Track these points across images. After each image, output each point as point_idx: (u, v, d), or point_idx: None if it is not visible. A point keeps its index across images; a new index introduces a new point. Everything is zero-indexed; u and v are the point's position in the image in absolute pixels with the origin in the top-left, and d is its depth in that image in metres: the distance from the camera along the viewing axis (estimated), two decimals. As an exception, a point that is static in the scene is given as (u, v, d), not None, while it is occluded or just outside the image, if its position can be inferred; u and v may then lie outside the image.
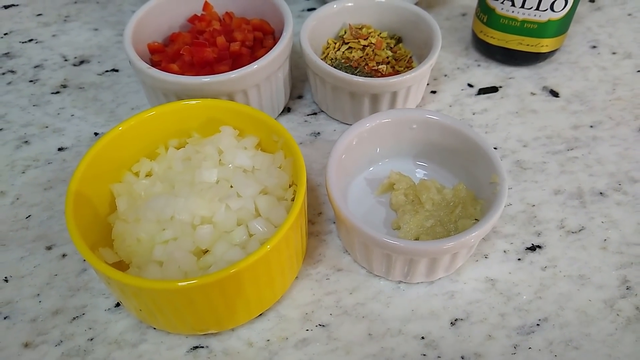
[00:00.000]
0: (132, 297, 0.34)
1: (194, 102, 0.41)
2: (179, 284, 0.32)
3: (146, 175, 0.42)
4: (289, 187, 0.40)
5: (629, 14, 0.64)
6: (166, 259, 0.35)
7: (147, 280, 0.32)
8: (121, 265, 0.38)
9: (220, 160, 0.41)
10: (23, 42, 0.62)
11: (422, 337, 0.38)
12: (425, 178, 0.45)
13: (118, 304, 0.40)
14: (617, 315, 0.39)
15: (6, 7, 0.67)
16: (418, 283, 0.41)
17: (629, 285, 0.41)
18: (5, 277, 0.42)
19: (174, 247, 0.36)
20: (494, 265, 0.42)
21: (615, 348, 0.38)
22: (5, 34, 0.63)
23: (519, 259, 0.42)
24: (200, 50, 0.47)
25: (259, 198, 0.38)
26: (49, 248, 0.44)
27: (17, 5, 0.67)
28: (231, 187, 0.39)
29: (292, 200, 0.39)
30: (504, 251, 0.43)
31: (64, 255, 0.43)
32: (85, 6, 0.66)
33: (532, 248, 0.43)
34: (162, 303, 0.33)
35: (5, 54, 0.60)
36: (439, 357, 0.38)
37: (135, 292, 0.33)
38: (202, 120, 0.42)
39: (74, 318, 0.40)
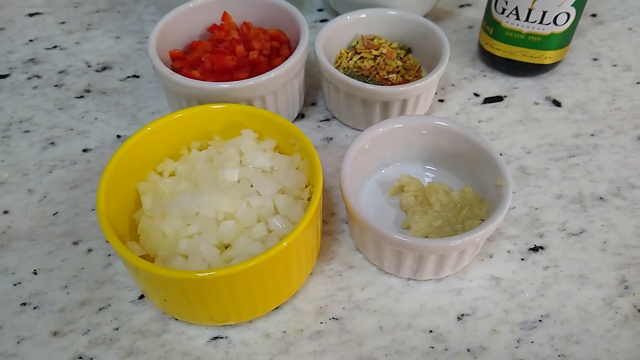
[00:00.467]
0: (160, 287, 0.36)
1: (218, 106, 0.44)
2: (205, 274, 0.34)
3: (169, 175, 0.44)
4: (305, 187, 0.43)
5: (629, 29, 0.66)
6: (191, 252, 0.37)
7: (176, 270, 0.34)
8: (146, 259, 0.40)
9: (241, 161, 0.43)
10: (48, 49, 0.64)
11: (430, 331, 0.41)
12: (434, 181, 0.48)
13: (141, 296, 0.43)
14: (616, 312, 0.41)
15: (31, 15, 0.69)
16: (426, 280, 0.43)
17: (627, 284, 0.43)
18: (35, 270, 0.44)
19: (199, 240, 0.38)
20: (498, 265, 0.44)
21: (614, 343, 0.40)
22: (30, 41, 0.66)
23: (522, 259, 0.45)
24: (221, 58, 0.50)
25: (278, 197, 0.41)
26: (75, 243, 0.46)
27: (42, 13, 0.70)
28: (251, 186, 0.41)
29: (309, 199, 0.42)
30: (508, 251, 0.45)
31: (89, 250, 0.45)
32: (107, 15, 0.69)
33: (535, 249, 0.45)
34: (188, 293, 0.36)
35: (31, 59, 0.63)
36: (446, 349, 0.40)
37: (163, 282, 0.35)
38: (224, 123, 0.44)
39: (100, 309, 0.42)
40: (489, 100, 0.58)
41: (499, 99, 0.58)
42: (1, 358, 0.39)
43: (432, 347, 0.40)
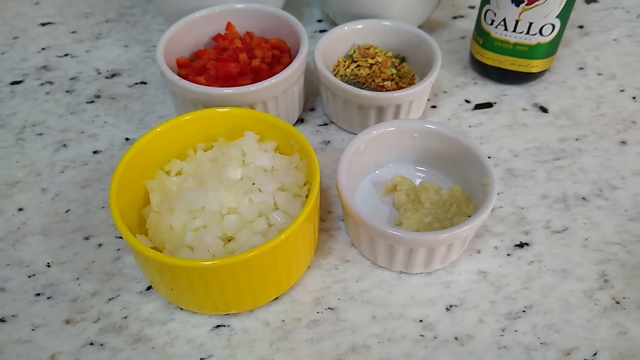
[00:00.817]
0: (167, 276, 0.39)
1: (224, 109, 0.47)
2: (209, 262, 0.36)
3: (176, 174, 0.47)
4: (304, 185, 0.45)
5: (615, 39, 0.69)
6: (197, 244, 0.40)
7: (183, 259, 0.37)
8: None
9: (243, 161, 0.46)
10: (59, 57, 0.68)
11: (421, 320, 0.43)
12: (425, 181, 0.50)
13: (149, 288, 0.45)
14: (595, 304, 0.44)
15: (43, 24, 0.73)
16: (417, 274, 0.46)
17: (607, 278, 0.45)
18: (48, 263, 0.47)
19: (204, 233, 0.40)
20: (485, 260, 0.47)
21: (593, 332, 0.42)
22: (42, 49, 0.69)
23: (508, 254, 0.47)
24: (225, 65, 0.53)
25: (278, 194, 0.43)
26: (86, 238, 0.49)
27: (53, 23, 0.73)
28: (253, 184, 0.44)
29: (307, 196, 0.44)
30: (495, 247, 0.48)
31: (100, 245, 0.48)
32: (116, 25, 0.72)
33: (521, 245, 0.48)
34: (193, 281, 0.38)
35: (43, 66, 0.66)
36: (435, 337, 0.42)
37: (171, 271, 0.38)
38: (228, 126, 0.47)
39: (110, 299, 0.44)
40: (479, 106, 0.61)
41: (489, 105, 0.61)
42: (17, 344, 0.42)
43: (422, 335, 0.42)
